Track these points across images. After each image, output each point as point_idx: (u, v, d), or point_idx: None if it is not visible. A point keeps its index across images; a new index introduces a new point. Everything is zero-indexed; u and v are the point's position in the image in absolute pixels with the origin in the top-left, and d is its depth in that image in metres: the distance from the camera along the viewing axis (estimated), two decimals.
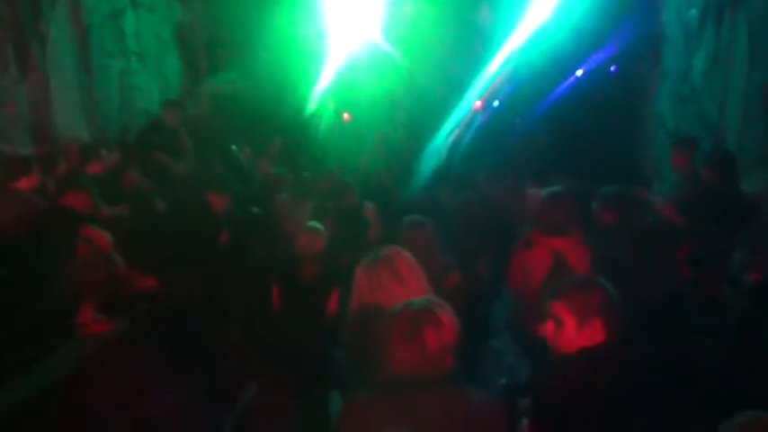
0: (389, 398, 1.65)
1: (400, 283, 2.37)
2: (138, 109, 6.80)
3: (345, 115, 9.01)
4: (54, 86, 5.11)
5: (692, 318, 3.32)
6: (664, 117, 6.70)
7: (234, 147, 6.45)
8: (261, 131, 7.32)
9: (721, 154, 4.26)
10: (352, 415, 1.72)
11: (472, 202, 4.74)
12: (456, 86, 8.73)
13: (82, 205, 3.42)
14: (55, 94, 5.13)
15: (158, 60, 7.42)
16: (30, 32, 4.87)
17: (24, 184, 3.47)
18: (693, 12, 5.88)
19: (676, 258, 3.68)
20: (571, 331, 2.00)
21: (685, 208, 4.05)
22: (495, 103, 8.82)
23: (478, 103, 8.85)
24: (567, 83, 8.06)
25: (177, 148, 6.17)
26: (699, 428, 2.06)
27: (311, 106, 8.76)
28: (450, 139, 8.42)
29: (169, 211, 3.95)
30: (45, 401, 2.66)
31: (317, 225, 3.58)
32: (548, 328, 2.06)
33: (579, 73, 8.11)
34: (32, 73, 4.88)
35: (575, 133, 7.21)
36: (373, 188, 5.64)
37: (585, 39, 7.66)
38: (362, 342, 2.28)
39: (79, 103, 5.64)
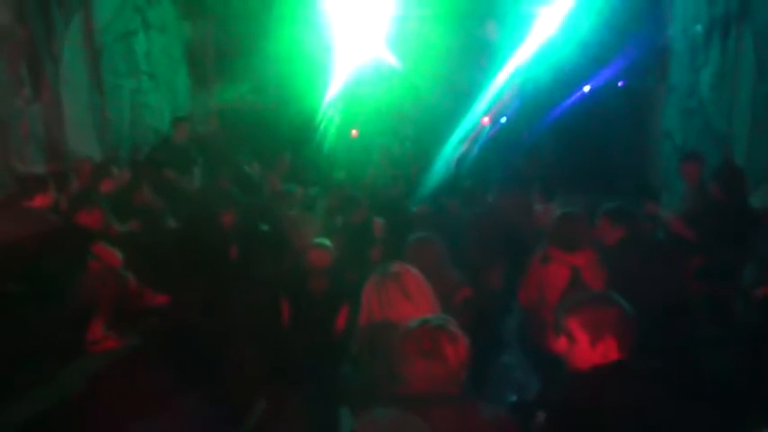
0: (404, 413, 1.66)
1: (409, 299, 2.38)
2: (149, 127, 6.88)
3: (354, 131, 9.08)
4: (67, 105, 5.20)
5: (703, 331, 3.31)
6: (671, 131, 6.71)
7: (243, 162, 6.52)
8: (270, 147, 7.40)
9: (729, 168, 4.27)
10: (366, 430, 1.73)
11: (481, 216, 4.76)
12: (463, 100, 8.78)
13: (94, 223, 3.46)
14: (67, 113, 5.21)
15: (169, 79, 7.52)
16: (43, 52, 4.96)
17: (39, 201, 3.51)
18: (699, 26, 5.90)
19: (687, 272, 3.67)
20: (584, 348, 1.99)
21: (695, 222, 4.05)
22: (503, 119, 8.85)
23: (486, 119, 8.88)
24: (574, 97, 8.09)
25: (187, 166, 6.25)
26: None
27: (319, 121, 8.84)
28: (458, 153, 8.45)
29: (179, 228, 3.98)
30: (57, 416, 2.67)
31: (325, 241, 3.60)
32: (561, 343, 2.06)
33: (587, 88, 8.13)
34: (46, 92, 4.96)
35: (582, 147, 7.23)
36: (380, 202, 5.67)
37: (592, 53, 7.69)
38: (372, 358, 2.29)
39: (91, 121, 5.72)
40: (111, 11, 6.09)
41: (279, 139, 7.88)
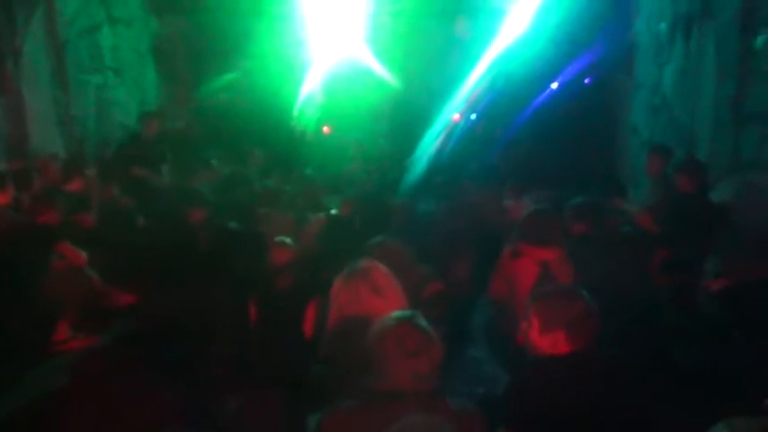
0: (373, 408, 1.68)
1: (378, 295, 2.39)
2: (116, 123, 6.76)
3: (325, 128, 9.05)
4: (29, 102, 5.07)
5: (668, 322, 3.39)
6: (638, 127, 6.84)
7: (214, 159, 6.45)
8: (243, 143, 7.33)
9: (693, 163, 4.38)
10: (334, 423, 1.74)
11: (451, 211, 4.80)
12: (437, 97, 8.83)
13: (56, 222, 3.39)
14: (30, 110, 5.09)
15: (136, 74, 7.39)
16: (4, 47, 4.83)
17: None
18: (663, 24, 6.03)
19: (651, 265, 3.76)
20: (535, 335, 2.09)
21: (659, 216, 4.14)
22: (473, 116, 8.92)
23: (457, 115, 8.94)
24: (544, 93, 8.19)
25: (157, 162, 6.15)
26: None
27: (293, 117, 8.79)
28: (431, 148, 8.49)
29: (147, 226, 3.92)
30: (24, 418, 2.62)
31: (287, 239, 3.61)
32: (522, 326, 2.15)
33: (555, 84, 8.25)
34: (7, 88, 4.84)
35: (552, 143, 7.33)
36: (353, 197, 5.67)
37: (561, 49, 7.80)
38: (343, 354, 2.29)
39: (55, 118, 5.60)
40: (75, 5, 5.96)
41: (252, 135, 7.81)
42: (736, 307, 2.73)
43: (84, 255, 3.32)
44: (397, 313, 1.86)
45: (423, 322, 1.81)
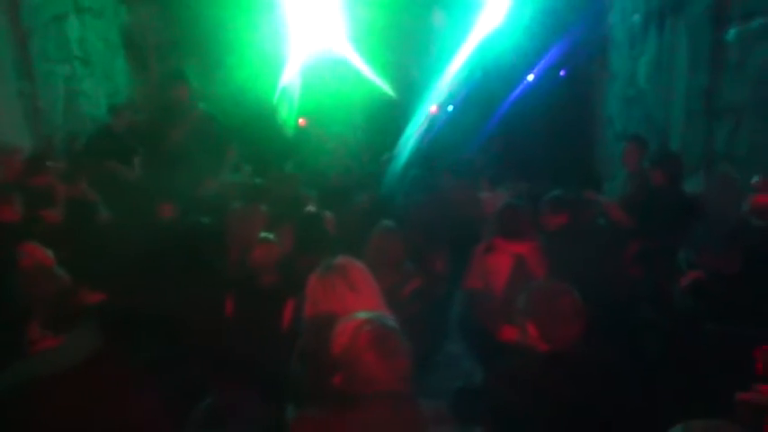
0: (345, 411, 1.65)
1: (354, 292, 2.37)
2: (85, 116, 6.57)
3: (301, 120, 8.95)
4: None
5: (642, 314, 3.43)
6: (613, 119, 6.89)
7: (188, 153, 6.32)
8: (217, 136, 7.19)
9: (667, 155, 4.42)
10: (303, 427, 1.72)
11: (428, 204, 4.79)
12: (415, 90, 8.80)
13: (16, 219, 3.28)
14: None
15: (105, 65, 7.20)
16: None
17: None
18: (637, 17, 6.07)
19: (626, 257, 3.80)
20: (533, 336, 2.07)
21: (633, 208, 4.18)
22: (450, 108, 8.91)
23: (434, 108, 8.93)
24: (520, 85, 8.21)
25: (127, 156, 6.01)
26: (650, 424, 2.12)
27: (269, 110, 8.67)
28: (409, 142, 8.46)
29: (116, 221, 3.83)
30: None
31: (271, 236, 3.56)
32: (513, 332, 2.15)
33: (531, 77, 8.27)
34: None
35: (528, 135, 7.35)
36: (332, 192, 5.62)
37: (537, 42, 7.82)
38: (318, 352, 2.26)
39: (21, 110, 5.41)
40: None
41: (226, 128, 7.68)
42: (708, 299, 2.76)
43: (50, 253, 3.21)
44: (366, 314, 1.82)
45: (392, 323, 1.79)
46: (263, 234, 3.68)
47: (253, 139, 7.52)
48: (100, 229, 3.79)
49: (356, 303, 2.26)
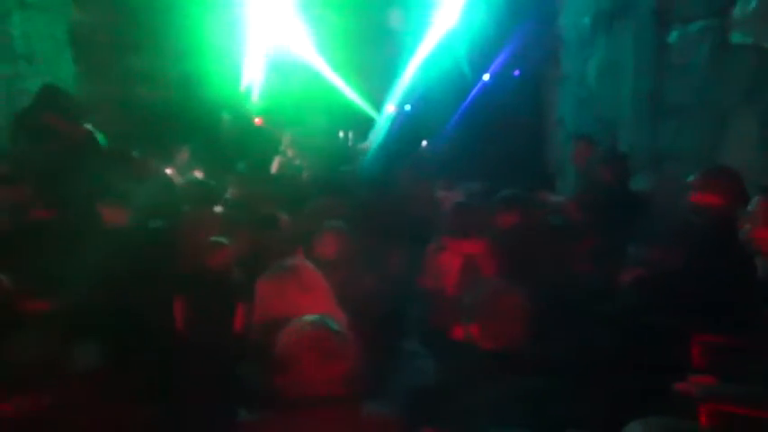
0: (282, 415, 1.64)
1: (306, 293, 2.35)
2: None
3: (257, 120, 8.86)
4: None
5: (592, 310, 3.52)
6: (564, 119, 7.05)
7: (138, 154, 6.16)
8: (169, 137, 7.04)
9: (615, 154, 4.54)
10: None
11: (385, 203, 4.81)
12: (372, 89, 8.81)
13: None
14: None
15: (52, 63, 6.95)
16: None
17: None
18: (587, 18, 6.22)
19: (576, 254, 3.89)
20: (477, 335, 2.09)
21: (584, 206, 4.28)
22: (408, 107, 8.97)
23: (391, 107, 8.97)
24: (475, 86, 8.31)
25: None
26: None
27: (225, 110, 8.53)
28: (366, 141, 8.47)
29: (59, 226, 3.71)
30: None
31: (223, 239, 3.52)
32: (463, 330, 2.17)
33: (486, 76, 8.38)
34: None
35: (482, 135, 7.45)
36: (287, 192, 5.58)
37: (491, 43, 7.94)
38: (267, 355, 2.24)
39: None
40: None
41: (179, 128, 7.52)
42: (650, 294, 2.86)
43: None
44: (310, 317, 1.81)
45: (336, 326, 1.78)
46: (216, 237, 3.64)
47: (206, 139, 7.39)
48: (46, 233, 3.66)
49: (307, 304, 2.25)
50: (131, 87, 8.10)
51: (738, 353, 2.35)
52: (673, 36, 4.45)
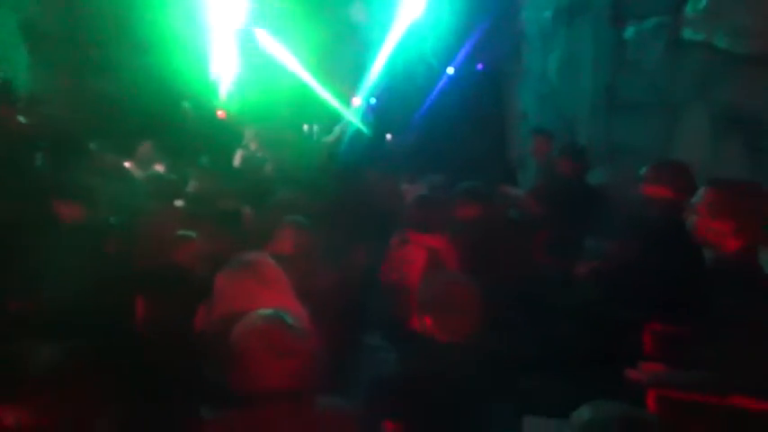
0: (236, 411, 1.64)
1: (265, 287, 2.35)
2: None
3: (220, 112, 8.74)
4: None
5: (550, 302, 3.60)
6: (527, 113, 7.15)
7: (95, 148, 6.01)
8: (129, 131, 6.89)
9: (573, 148, 4.64)
10: (203, 430, 1.70)
11: (349, 197, 4.81)
12: (338, 83, 8.78)
13: None
14: None
15: (4, 56, 6.74)
16: None
17: None
18: (547, 14, 6.31)
19: (535, 247, 3.97)
20: (432, 328, 2.12)
21: (543, 199, 4.37)
22: (373, 101, 8.97)
23: (356, 100, 8.96)
24: (439, 80, 8.36)
25: (30, 152, 5.64)
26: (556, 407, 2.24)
27: (188, 103, 8.39)
28: (331, 134, 8.44)
29: (9, 223, 3.60)
30: None
31: (191, 233, 3.47)
32: (420, 323, 2.19)
33: (451, 70, 8.44)
34: None
35: (446, 129, 7.51)
36: (250, 186, 5.52)
37: (454, 38, 7.99)
38: (223, 351, 2.23)
39: None
40: None
41: (139, 122, 7.37)
42: (607, 286, 2.94)
43: None
44: (264, 311, 1.81)
45: (291, 320, 1.78)
46: (182, 232, 3.58)
47: (168, 132, 7.26)
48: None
49: (266, 299, 2.25)
50: (89, 79, 7.89)
51: (687, 341, 2.44)
52: (629, 32, 4.56)
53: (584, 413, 1.38)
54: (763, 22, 3.00)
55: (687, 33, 3.80)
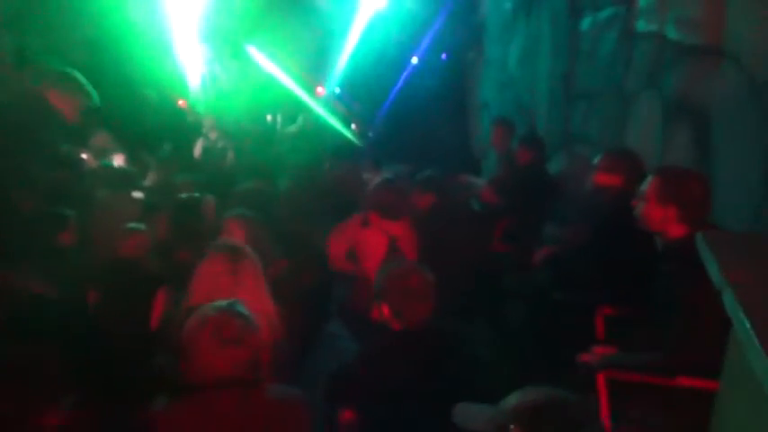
0: (191, 402, 1.64)
1: (239, 278, 2.35)
2: None
3: (181, 102, 8.57)
4: None
5: (507, 288, 3.67)
6: (488, 103, 7.22)
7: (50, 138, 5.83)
8: (86, 122, 6.69)
9: (532, 137, 4.71)
10: (151, 425, 1.69)
11: (312, 186, 4.78)
12: (302, 72, 8.71)
13: None
14: None
15: None
16: None
17: None
18: (508, 4, 6.36)
19: (493, 235, 4.03)
20: (387, 316, 2.15)
21: (502, 188, 4.43)
22: (337, 90, 8.93)
23: (320, 90, 8.90)
24: (401, 70, 8.37)
25: None
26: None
27: (147, 92, 8.18)
28: (294, 124, 8.38)
29: None
30: None
31: (139, 225, 3.42)
32: (377, 311, 2.21)
33: (414, 60, 8.46)
34: None
35: (409, 118, 7.54)
36: (211, 178, 5.45)
37: (417, 28, 8.00)
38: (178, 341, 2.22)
39: None
40: None
41: (96, 112, 7.15)
42: (561, 271, 3.01)
43: None
44: (218, 303, 1.81)
45: (242, 309, 1.78)
46: (131, 224, 3.53)
47: (125, 121, 7.08)
48: None
49: (238, 291, 2.25)
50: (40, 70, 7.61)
51: (636, 323, 2.51)
52: (584, 23, 4.63)
53: (511, 398, 1.41)
54: (710, 13, 3.08)
55: (640, 25, 3.88)
